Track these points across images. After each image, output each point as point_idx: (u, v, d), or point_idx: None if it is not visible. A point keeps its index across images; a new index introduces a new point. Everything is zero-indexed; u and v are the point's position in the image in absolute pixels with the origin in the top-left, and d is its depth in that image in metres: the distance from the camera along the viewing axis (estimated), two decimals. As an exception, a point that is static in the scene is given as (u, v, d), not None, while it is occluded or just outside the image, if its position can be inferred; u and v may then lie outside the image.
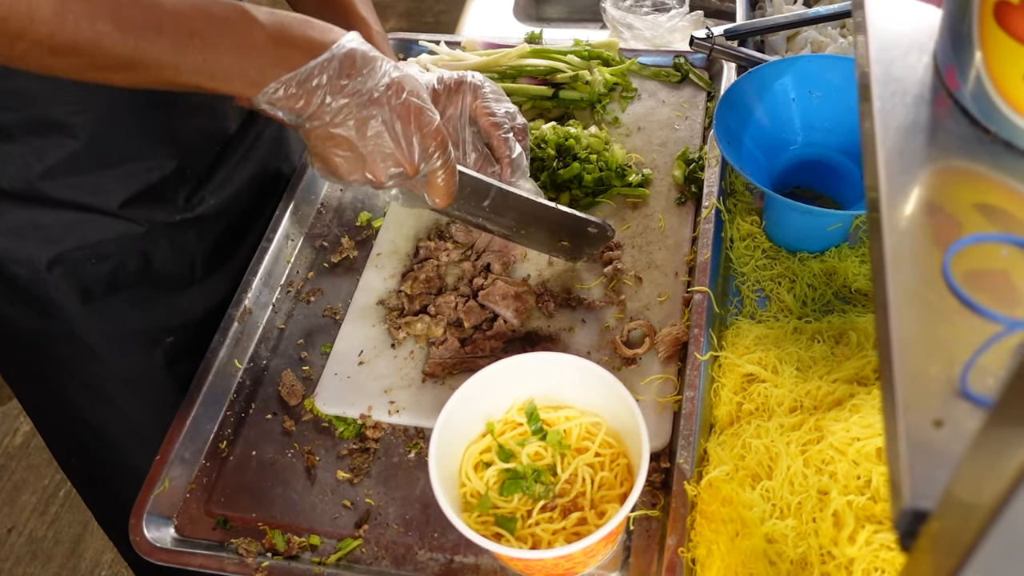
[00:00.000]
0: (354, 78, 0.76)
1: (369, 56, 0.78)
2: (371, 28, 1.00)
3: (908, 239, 0.49)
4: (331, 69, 0.75)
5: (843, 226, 1.02)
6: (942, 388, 0.42)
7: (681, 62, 1.28)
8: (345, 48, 0.76)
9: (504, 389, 0.85)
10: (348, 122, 0.77)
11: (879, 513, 0.73)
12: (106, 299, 1.02)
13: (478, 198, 0.96)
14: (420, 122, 0.80)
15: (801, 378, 0.87)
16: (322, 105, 0.75)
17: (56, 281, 0.98)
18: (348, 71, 0.76)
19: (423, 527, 0.88)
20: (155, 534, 0.89)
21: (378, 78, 0.77)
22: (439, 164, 0.84)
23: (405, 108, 0.79)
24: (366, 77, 0.77)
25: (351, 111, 0.77)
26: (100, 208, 0.98)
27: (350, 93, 0.76)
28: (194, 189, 1.06)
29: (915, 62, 0.58)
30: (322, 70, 0.74)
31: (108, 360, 1.06)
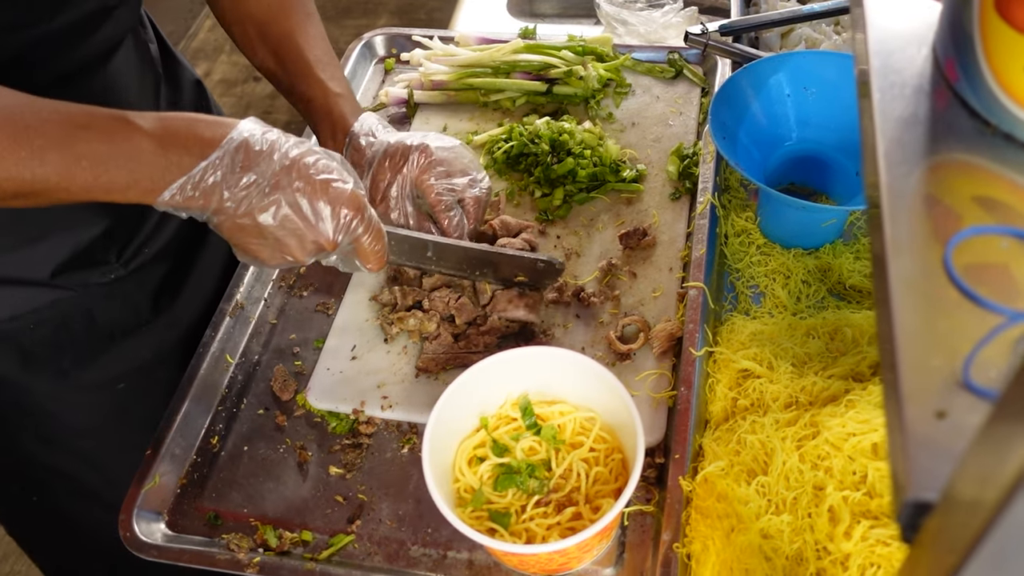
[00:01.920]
0: (251, 168, 0.74)
1: (266, 141, 0.76)
2: (329, 92, 0.99)
3: (908, 230, 0.49)
4: (224, 165, 0.73)
5: (837, 222, 1.02)
6: (944, 380, 0.42)
7: (675, 58, 1.28)
8: (236, 141, 0.74)
9: (498, 384, 0.85)
10: (253, 212, 0.75)
11: (875, 509, 0.73)
12: (51, 361, 0.99)
13: (419, 251, 0.95)
14: (329, 195, 0.77)
15: (796, 374, 0.87)
16: (222, 200, 0.74)
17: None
18: (243, 162, 0.74)
19: (416, 522, 0.87)
20: (145, 529, 0.88)
21: (277, 161, 0.75)
22: (360, 231, 0.81)
23: (310, 185, 0.76)
24: (264, 164, 0.75)
25: (253, 200, 0.75)
26: (30, 280, 0.94)
27: (247, 184, 0.74)
28: (125, 245, 1.01)
29: (914, 54, 0.58)
30: (215, 168, 0.73)
31: (59, 413, 1.03)
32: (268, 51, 1.01)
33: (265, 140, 0.76)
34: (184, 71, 1.13)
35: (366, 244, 0.82)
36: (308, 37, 1.01)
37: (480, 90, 1.27)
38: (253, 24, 1.01)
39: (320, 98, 1.00)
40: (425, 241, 0.94)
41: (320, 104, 1.00)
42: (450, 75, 1.28)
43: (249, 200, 0.75)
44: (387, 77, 1.37)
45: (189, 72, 1.14)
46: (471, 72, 1.27)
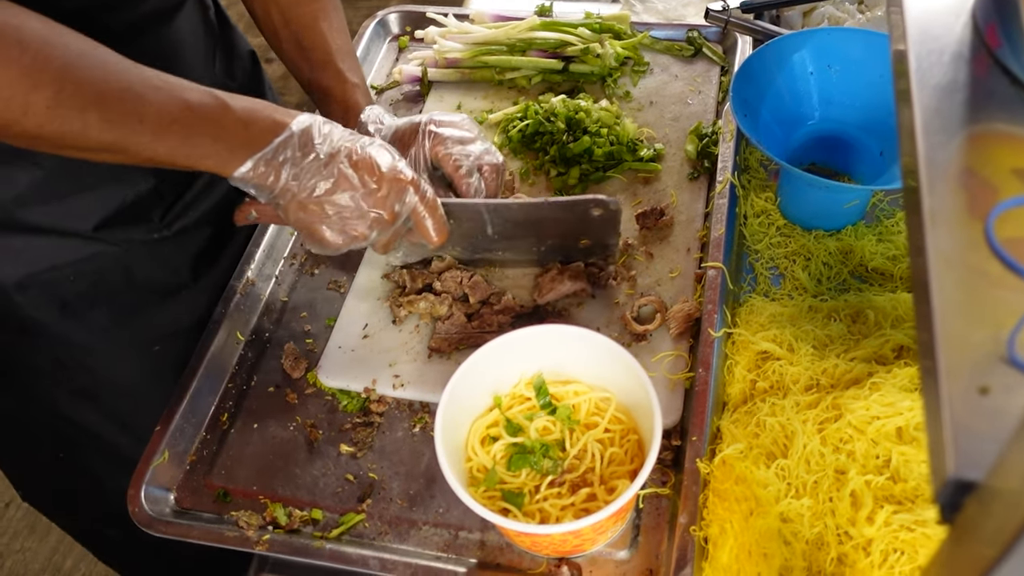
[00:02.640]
0: (312, 150, 0.81)
1: (324, 127, 0.83)
2: (347, 81, 1.01)
3: (947, 201, 0.47)
4: (292, 144, 0.80)
5: (860, 203, 1.00)
6: (987, 354, 0.40)
7: (695, 36, 1.25)
8: (303, 124, 0.81)
9: (512, 362, 0.83)
10: (314, 189, 0.81)
11: (899, 494, 0.71)
12: (88, 313, 0.99)
13: (478, 227, 0.94)
14: (381, 168, 0.83)
15: (817, 356, 0.85)
16: (289, 178, 0.80)
17: (30, 301, 0.95)
18: (305, 145, 0.81)
19: (427, 502, 0.86)
20: (154, 505, 0.87)
21: (335, 143, 0.82)
22: (416, 200, 0.85)
23: (364, 160, 0.82)
24: (324, 146, 0.82)
25: (314, 177, 0.81)
26: (74, 232, 0.94)
27: (309, 163, 0.81)
28: (171, 206, 1.01)
29: (953, 20, 0.56)
30: (285, 146, 0.80)
31: (94, 368, 1.02)
32: (290, 36, 1.01)
33: (325, 127, 0.83)
34: (239, 39, 1.13)
35: (423, 214, 0.87)
36: (331, 26, 1.02)
37: (495, 68, 1.24)
38: (277, 8, 1.00)
39: (338, 88, 1.01)
40: (479, 206, 0.92)
41: (337, 94, 1.01)
42: (465, 53, 1.26)
43: (311, 177, 0.81)
44: (401, 55, 1.35)
45: (244, 41, 1.15)
46: (486, 50, 1.25)
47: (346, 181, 0.81)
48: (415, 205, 0.86)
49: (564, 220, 0.95)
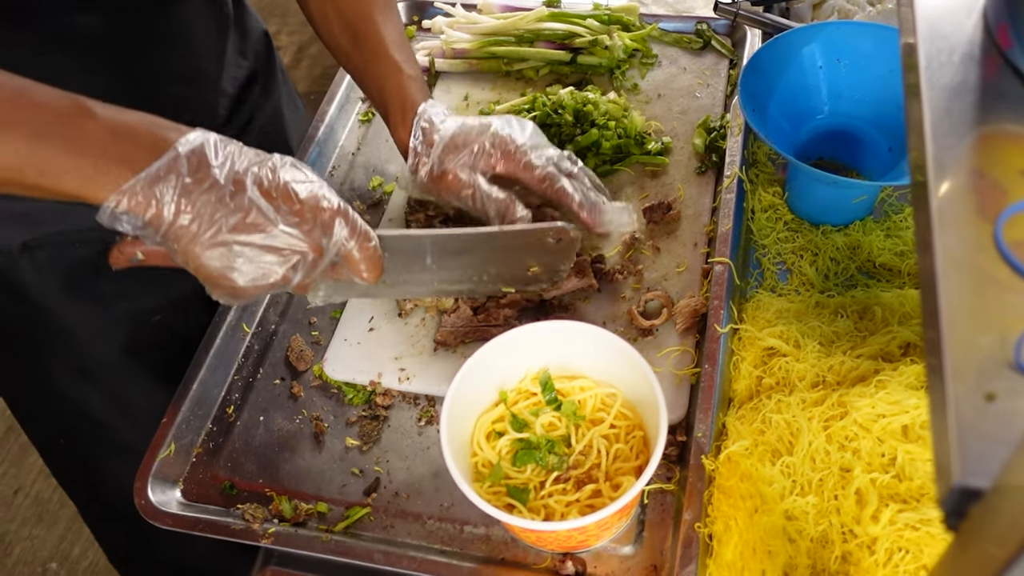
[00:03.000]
0: (209, 175, 0.66)
1: (223, 146, 0.68)
2: (403, 73, 0.94)
3: (955, 203, 0.47)
4: (180, 168, 0.65)
5: (868, 199, 0.99)
6: (994, 360, 0.40)
7: (704, 28, 1.24)
8: (194, 143, 0.67)
9: (518, 358, 0.83)
10: (217, 226, 0.66)
11: (904, 492, 0.71)
12: (92, 282, 0.98)
13: (417, 259, 0.85)
14: (300, 196, 0.70)
15: (824, 353, 0.85)
16: (178, 210, 0.65)
17: (34, 265, 0.93)
18: (200, 167, 0.66)
19: (432, 496, 0.86)
20: (160, 498, 0.87)
21: (238, 166, 0.68)
22: (345, 233, 0.72)
23: (278, 186, 0.69)
24: (221, 168, 0.67)
25: (214, 210, 0.66)
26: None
27: (205, 189, 0.66)
28: None
29: (963, 19, 0.55)
30: (168, 169, 0.65)
31: (93, 342, 1.02)
32: (344, 28, 0.98)
33: (225, 146, 0.69)
34: (253, 19, 1.12)
35: (354, 249, 0.73)
36: (387, 18, 0.98)
37: (503, 59, 1.24)
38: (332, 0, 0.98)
39: (393, 80, 0.96)
40: (420, 237, 0.83)
41: (393, 85, 0.96)
42: (472, 43, 1.25)
43: (210, 209, 0.66)
44: (408, 45, 1.35)
45: (258, 21, 1.13)
46: (494, 40, 1.25)
47: (259, 214, 0.67)
48: (343, 239, 0.72)
49: (516, 248, 0.88)
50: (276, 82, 1.17)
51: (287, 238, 0.69)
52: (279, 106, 1.19)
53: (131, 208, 0.64)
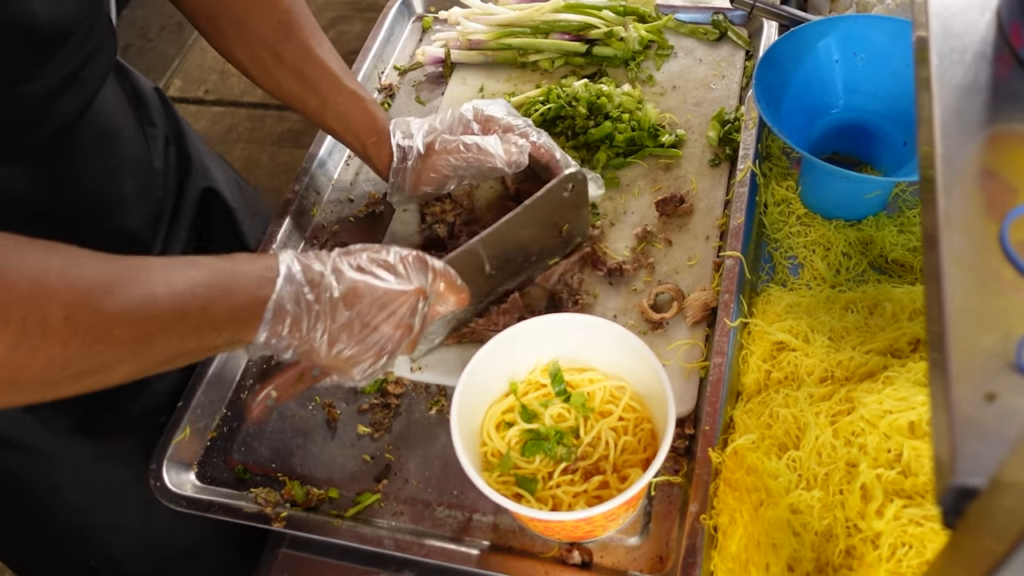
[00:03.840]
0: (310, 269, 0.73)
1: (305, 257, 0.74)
2: (363, 100, 0.96)
3: (963, 204, 0.47)
4: (294, 278, 0.71)
5: (882, 194, 0.99)
6: (996, 361, 0.40)
7: (720, 19, 1.24)
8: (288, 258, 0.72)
9: (528, 349, 0.84)
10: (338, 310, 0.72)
11: (909, 488, 0.72)
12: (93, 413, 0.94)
13: (477, 268, 0.90)
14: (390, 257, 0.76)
15: (833, 348, 0.85)
16: (310, 310, 0.71)
17: (40, 420, 0.91)
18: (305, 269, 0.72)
19: (442, 484, 0.87)
20: (175, 481, 0.89)
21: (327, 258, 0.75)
22: (431, 272, 0.79)
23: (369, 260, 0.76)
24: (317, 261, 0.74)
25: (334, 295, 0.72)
26: None
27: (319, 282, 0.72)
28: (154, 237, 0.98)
29: (977, 18, 0.55)
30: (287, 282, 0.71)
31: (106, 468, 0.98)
32: (287, 73, 0.95)
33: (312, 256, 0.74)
34: (142, 83, 1.06)
35: (441, 282, 0.80)
36: (324, 49, 0.96)
37: (518, 50, 1.24)
38: (266, 47, 0.94)
39: (358, 108, 0.97)
40: (474, 245, 0.88)
41: (360, 114, 0.96)
42: (488, 35, 1.25)
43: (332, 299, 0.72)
44: (424, 36, 1.35)
45: (145, 82, 1.07)
46: (509, 32, 1.25)
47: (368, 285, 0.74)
48: (435, 275, 0.79)
49: (545, 215, 0.93)
50: (186, 138, 1.11)
51: (396, 292, 0.74)
52: (201, 160, 1.12)
53: (274, 332, 0.70)
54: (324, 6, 3.17)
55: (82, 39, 0.79)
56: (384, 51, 1.30)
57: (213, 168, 1.15)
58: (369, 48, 1.28)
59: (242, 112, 2.91)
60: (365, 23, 1.31)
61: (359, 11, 3.14)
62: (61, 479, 0.96)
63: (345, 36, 2.95)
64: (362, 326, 0.73)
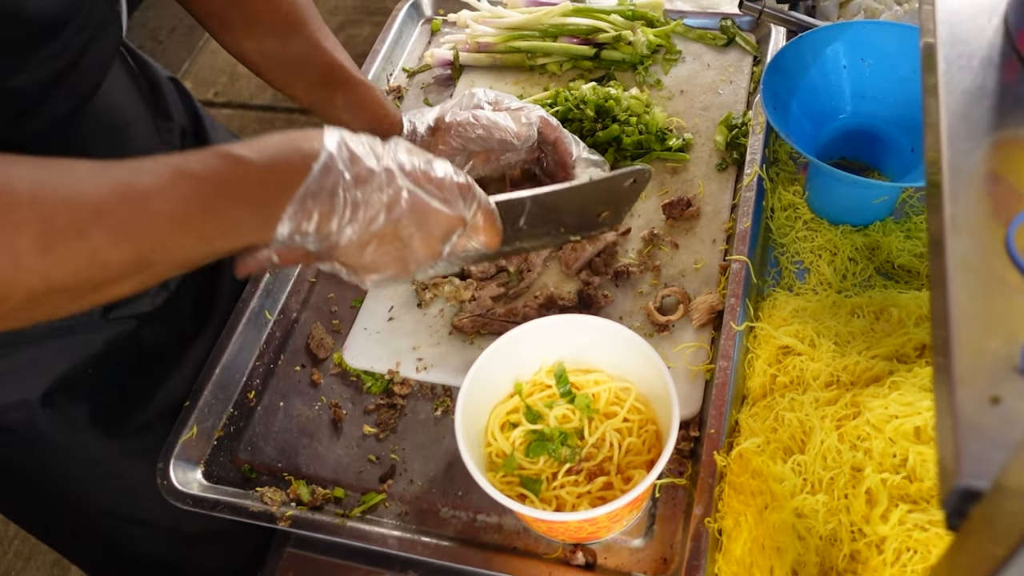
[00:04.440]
0: (360, 167, 0.67)
1: (358, 138, 0.69)
2: (373, 91, 0.96)
3: (969, 208, 0.47)
4: (336, 167, 0.65)
5: (889, 199, 0.99)
6: (1001, 364, 0.40)
7: (728, 25, 1.24)
8: (336, 141, 0.67)
9: (533, 350, 0.84)
10: (378, 214, 0.67)
11: (914, 493, 0.72)
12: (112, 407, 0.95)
13: (512, 222, 0.87)
14: (439, 174, 0.72)
15: (839, 352, 0.85)
16: (344, 211, 0.66)
17: (58, 414, 0.91)
18: (352, 162, 0.67)
19: (447, 485, 0.88)
20: (182, 478, 0.89)
21: (380, 153, 0.69)
22: (476, 203, 0.75)
23: (420, 170, 0.71)
24: (369, 158, 0.68)
25: (375, 201, 0.67)
26: (85, 324, 0.90)
27: (363, 183, 0.67)
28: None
29: (984, 24, 0.55)
30: (325, 173, 0.65)
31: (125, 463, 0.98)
32: (295, 65, 0.95)
33: (361, 138, 0.69)
34: (159, 73, 1.06)
35: (481, 217, 0.76)
36: (331, 42, 0.96)
37: (527, 53, 1.25)
38: (274, 40, 0.93)
39: (369, 100, 0.96)
40: (523, 199, 0.86)
41: (370, 106, 0.96)
42: (497, 37, 1.26)
43: (372, 201, 0.67)
44: (433, 38, 1.36)
45: (161, 72, 1.07)
46: (518, 35, 1.25)
47: (419, 200, 0.69)
48: (477, 207, 0.75)
49: (597, 197, 0.90)
50: (206, 129, 1.11)
51: (442, 215, 0.71)
52: None
53: (299, 226, 0.65)
54: (333, 10, 3.19)
55: (79, 27, 0.75)
56: (393, 53, 1.31)
57: None
58: (378, 50, 1.28)
59: (251, 114, 2.93)
60: (374, 26, 1.32)
61: (368, 15, 3.15)
62: (82, 473, 0.97)
63: (354, 40, 2.96)
64: (394, 237, 0.69)
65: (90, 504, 1.01)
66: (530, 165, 1.05)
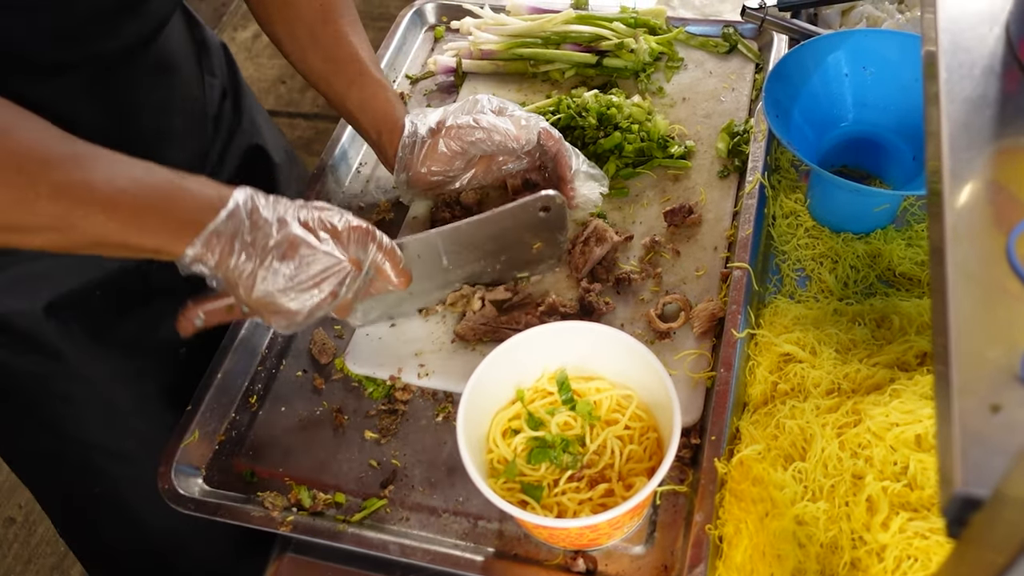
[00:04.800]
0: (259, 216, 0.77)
1: (264, 198, 0.78)
2: (387, 90, 1.00)
3: (970, 217, 0.47)
4: (239, 216, 0.76)
5: (890, 207, 0.99)
6: (1001, 373, 0.40)
7: (730, 32, 1.25)
8: (246, 194, 0.77)
9: (535, 357, 0.85)
10: (270, 253, 0.76)
11: (915, 501, 0.72)
12: (114, 329, 1.00)
13: (434, 260, 0.93)
14: (337, 223, 0.81)
15: (840, 360, 0.85)
16: (242, 251, 0.76)
17: (60, 323, 0.96)
18: (253, 212, 0.77)
19: (448, 490, 0.88)
20: (183, 484, 0.89)
21: (282, 210, 0.78)
22: (374, 247, 0.83)
23: (316, 219, 0.80)
24: (270, 212, 0.77)
25: (268, 245, 0.76)
26: None
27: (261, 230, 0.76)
28: None
29: (986, 33, 0.55)
30: (233, 216, 0.75)
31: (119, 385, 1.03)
32: (319, 53, 1.00)
33: (264, 197, 0.79)
34: (209, 34, 1.12)
35: (385, 261, 0.85)
36: (359, 38, 1.01)
37: (529, 60, 1.25)
38: (304, 26, 0.99)
39: (379, 99, 1.00)
40: (432, 237, 0.92)
41: (379, 105, 1.00)
42: (500, 44, 1.26)
43: (263, 244, 0.76)
44: (436, 45, 1.36)
45: (213, 36, 1.13)
46: (521, 42, 1.26)
47: (304, 243, 0.78)
48: (375, 254, 0.84)
49: (513, 228, 0.95)
50: (243, 95, 1.18)
51: (329, 257, 0.79)
52: (254, 119, 1.19)
53: (205, 255, 0.75)
54: (337, 15, 3.19)
55: None
56: (396, 60, 1.31)
57: (265, 130, 1.21)
58: (381, 57, 1.29)
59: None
60: (378, 32, 1.32)
61: (372, 20, 3.16)
62: (75, 391, 1.01)
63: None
64: (288, 279, 0.78)
65: (79, 430, 1.04)
66: (531, 174, 1.05)
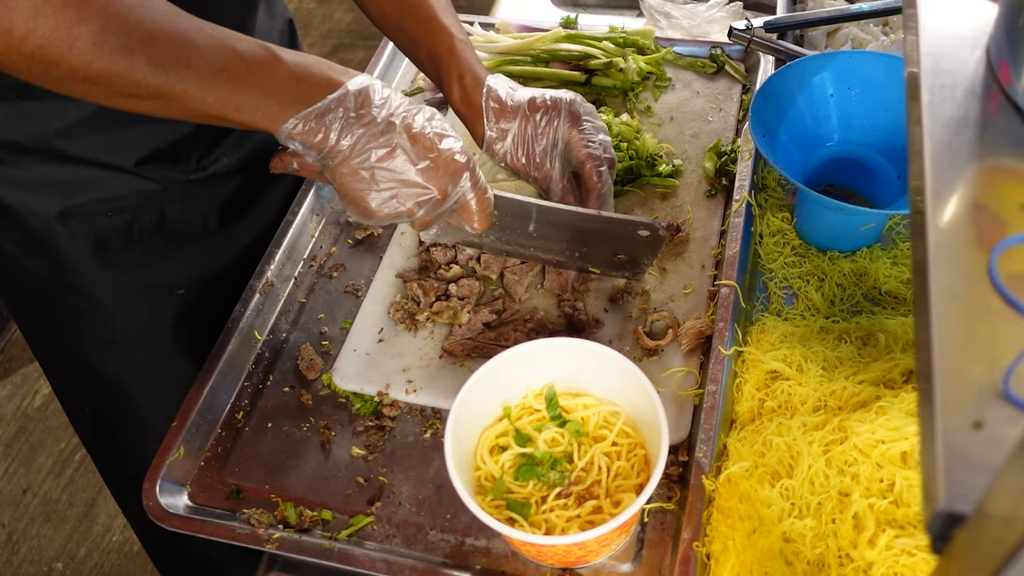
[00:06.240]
0: (367, 113, 0.78)
1: (383, 91, 0.80)
2: (453, 38, 0.99)
3: (952, 236, 0.48)
4: (347, 102, 0.78)
5: (876, 226, 1.00)
6: (983, 389, 0.41)
7: (718, 53, 1.26)
8: (360, 84, 0.79)
9: (523, 374, 0.85)
10: (368, 155, 0.79)
11: (901, 518, 0.72)
12: (121, 251, 1.04)
13: (521, 223, 0.93)
14: (439, 147, 0.81)
15: (826, 378, 0.86)
16: (339, 138, 0.78)
17: (69, 232, 1.00)
18: (362, 107, 0.78)
19: (435, 508, 0.87)
20: (168, 500, 0.89)
21: (393, 111, 0.80)
22: (468, 186, 0.83)
23: (423, 135, 0.80)
24: (380, 108, 0.79)
25: (369, 142, 0.79)
26: (116, 166, 0.99)
27: (364, 123, 0.78)
28: (208, 150, 1.06)
29: (967, 56, 0.56)
30: (338, 104, 0.77)
31: (120, 311, 1.07)
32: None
33: (384, 91, 0.80)
34: (279, 5, 1.15)
35: (472, 201, 0.84)
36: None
37: (519, 78, 1.26)
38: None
39: (446, 45, 0.99)
40: (530, 206, 0.92)
41: (446, 51, 0.99)
42: (489, 62, 1.27)
43: (364, 141, 0.78)
44: (426, 62, 1.37)
45: (284, 8, 1.17)
46: (510, 60, 1.27)
47: (403, 154, 0.79)
48: (466, 191, 0.83)
49: (609, 234, 0.96)
50: (297, 38, 1.21)
51: (420, 178, 0.80)
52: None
53: (301, 134, 0.77)
54: (327, 34, 3.21)
55: None
56: (386, 76, 1.32)
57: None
58: (370, 73, 1.29)
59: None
60: (367, 51, 1.33)
61: (362, 39, 3.18)
62: (79, 304, 1.06)
63: (347, 64, 2.98)
64: (372, 181, 0.79)
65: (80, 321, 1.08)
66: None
